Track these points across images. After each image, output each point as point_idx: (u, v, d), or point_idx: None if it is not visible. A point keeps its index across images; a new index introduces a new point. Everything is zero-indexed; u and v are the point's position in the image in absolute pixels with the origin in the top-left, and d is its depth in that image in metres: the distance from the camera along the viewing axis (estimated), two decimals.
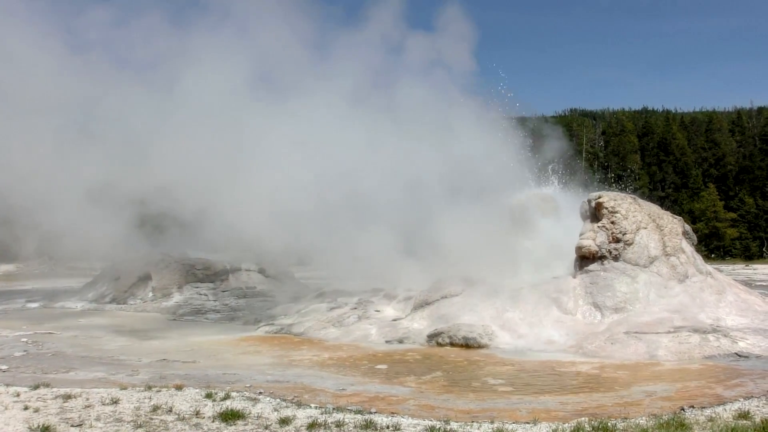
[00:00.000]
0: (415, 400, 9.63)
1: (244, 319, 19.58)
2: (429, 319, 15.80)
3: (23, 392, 9.23)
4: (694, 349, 12.72)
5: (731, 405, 8.52)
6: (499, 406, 9.17)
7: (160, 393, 9.24)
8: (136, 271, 24.80)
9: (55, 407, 8.40)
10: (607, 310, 14.77)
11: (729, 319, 14.34)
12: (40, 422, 7.55)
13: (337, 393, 10.02)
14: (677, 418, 7.60)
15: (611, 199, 16.57)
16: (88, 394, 9.13)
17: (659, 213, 17.02)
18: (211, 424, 7.69)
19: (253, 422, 7.77)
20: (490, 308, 15.51)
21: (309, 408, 8.57)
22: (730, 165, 59.65)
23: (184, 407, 8.38)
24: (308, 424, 7.57)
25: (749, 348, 12.72)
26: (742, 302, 15.32)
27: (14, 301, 24.77)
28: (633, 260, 15.61)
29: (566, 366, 12.22)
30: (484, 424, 7.76)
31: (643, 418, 7.79)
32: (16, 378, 10.88)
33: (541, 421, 7.95)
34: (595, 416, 8.06)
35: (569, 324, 14.62)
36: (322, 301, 19.13)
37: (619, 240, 15.76)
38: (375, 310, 17.07)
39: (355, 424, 7.62)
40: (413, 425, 7.70)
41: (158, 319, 20.39)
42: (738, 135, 65.80)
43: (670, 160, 59.64)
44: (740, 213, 54.99)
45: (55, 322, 18.96)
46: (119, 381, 10.64)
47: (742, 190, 56.33)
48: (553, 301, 15.27)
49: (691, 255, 16.46)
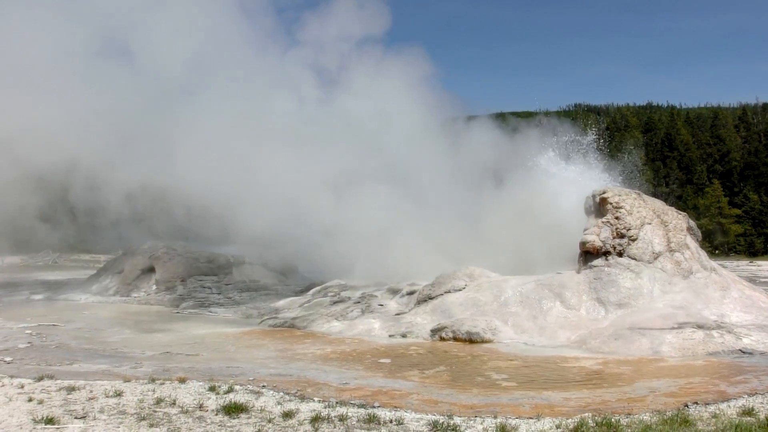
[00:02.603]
0: (419, 394, 9.63)
1: (247, 312, 19.60)
2: (432, 313, 15.79)
3: (27, 384, 9.24)
4: (698, 346, 12.68)
5: (735, 401, 8.49)
6: (502, 401, 9.16)
7: (164, 386, 9.25)
8: (139, 264, 24.85)
9: (59, 399, 8.41)
10: (611, 306, 14.73)
11: (733, 316, 14.30)
12: (44, 414, 7.56)
13: (340, 387, 10.02)
14: (681, 415, 7.58)
15: (616, 194, 16.52)
16: (92, 386, 9.14)
17: (664, 209, 16.96)
18: (214, 417, 7.70)
19: (256, 415, 7.77)
20: (494, 303, 15.49)
21: (312, 402, 8.57)
22: (734, 161, 59.47)
23: (187, 400, 8.38)
24: (311, 418, 7.57)
25: (753, 344, 12.67)
26: (746, 298, 15.27)
27: (19, 293, 24.82)
28: (637, 256, 15.57)
29: (570, 361, 12.19)
30: (488, 419, 7.75)
31: (646, 414, 7.77)
32: (21, 370, 10.90)
33: (544, 416, 7.93)
34: (598, 412, 8.05)
35: (573, 319, 14.59)
36: (326, 295, 19.15)
37: (623, 235, 15.72)
38: (378, 304, 17.07)
39: (358, 418, 7.61)
40: (416, 419, 7.69)
41: (162, 312, 20.42)
42: (743, 131, 65.54)
43: (674, 155, 59.48)
44: (745, 209, 54.82)
45: (59, 315, 19.00)
46: (123, 373, 10.66)
47: (747, 186, 56.16)
48: (557, 296, 15.24)
49: (695, 251, 16.41)
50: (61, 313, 19.58)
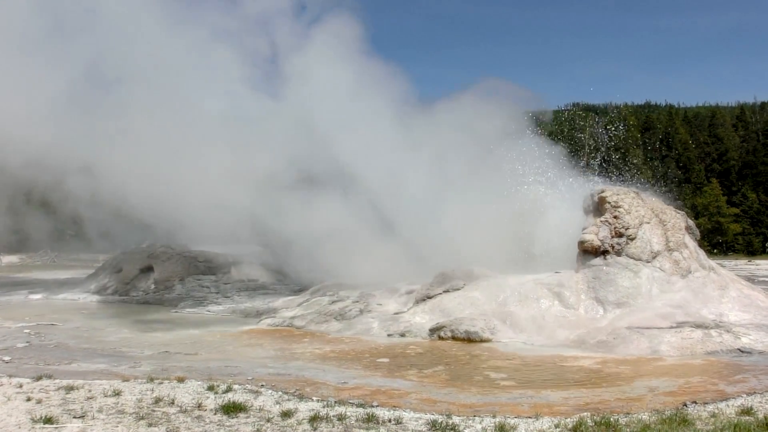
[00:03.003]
0: (417, 393, 9.63)
1: (246, 311, 19.59)
2: (431, 312, 15.79)
3: (26, 383, 9.23)
4: (697, 345, 12.69)
5: (734, 401, 8.50)
6: (501, 401, 9.16)
7: (162, 385, 9.25)
8: (137, 263, 24.85)
9: (58, 399, 8.40)
10: (609, 305, 14.74)
11: (732, 315, 14.32)
12: (43, 413, 7.55)
13: (338, 386, 10.02)
14: (680, 414, 7.58)
15: (614, 193, 16.53)
16: (91, 385, 9.13)
17: (662, 208, 16.97)
18: (213, 416, 7.69)
19: (255, 415, 7.76)
20: (492, 302, 15.49)
21: (311, 401, 8.56)
22: (733, 160, 59.57)
23: (186, 399, 8.38)
24: (310, 417, 7.57)
25: (752, 344, 12.69)
26: (745, 298, 15.29)
27: (17, 292, 24.78)
28: (636, 255, 15.58)
29: (568, 361, 12.20)
30: (486, 418, 7.75)
31: (645, 414, 7.77)
32: (19, 369, 10.88)
33: (543, 415, 7.93)
34: (597, 411, 8.05)
35: (571, 319, 14.60)
36: (324, 294, 19.12)
37: (621, 235, 15.73)
38: (377, 304, 17.06)
39: (356, 418, 7.61)
40: (415, 419, 7.69)
41: (160, 311, 20.40)
42: (741, 130, 65.61)
43: (672, 155, 59.54)
44: (743, 208, 54.92)
45: (58, 314, 18.99)
46: (121, 373, 10.65)
47: (745, 185, 56.25)
48: (556, 295, 15.25)
49: (694, 250, 16.42)
50: (59, 312, 19.56)
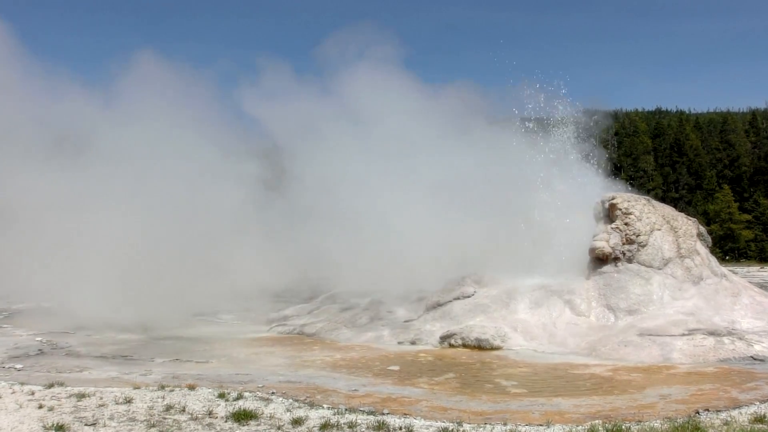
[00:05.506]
0: (428, 401, 9.61)
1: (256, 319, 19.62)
2: (441, 320, 15.75)
3: (38, 391, 9.30)
4: (709, 352, 12.60)
5: (747, 408, 8.45)
6: (511, 408, 9.13)
7: (173, 393, 9.28)
8: None
9: (69, 406, 8.45)
10: (620, 312, 14.67)
11: (744, 322, 14.20)
12: (55, 421, 7.60)
13: (349, 394, 10.01)
14: (692, 422, 7.54)
15: (625, 200, 16.46)
16: (102, 393, 9.18)
17: (673, 214, 16.89)
18: (224, 424, 7.71)
19: (265, 422, 7.78)
20: (503, 309, 15.44)
21: (321, 408, 8.57)
22: (744, 166, 59.12)
23: (197, 407, 8.41)
24: (321, 425, 7.57)
25: (765, 351, 12.59)
26: (757, 305, 15.17)
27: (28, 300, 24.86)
28: (647, 262, 15.50)
29: (579, 368, 12.15)
30: (497, 425, 7.73)
31: (657, 421, 7.73)
32: (31, 377, 10.97)
33: (554, 423, 7.91)
34: (608, 419, 8.01)
35: (582, 326, 14.53)
36: (334, 302, 19.14)
37: (632, 241, 15.66)
38: (387, 311, 17.03)
39: (367, 425, 7.61)
40: (426, 426, 7.68)
41: (171, 319, 20.43)
42: (753, 136, 65.09)
43: (683, 161, 59.19)
44: (755, 214, 54.48)
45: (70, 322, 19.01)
46: (132, 380, 10.69)
47: (757, 191, 55.81)
48: (566, 302, 15.19)
49: (705, 257, 16.32)
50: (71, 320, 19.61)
